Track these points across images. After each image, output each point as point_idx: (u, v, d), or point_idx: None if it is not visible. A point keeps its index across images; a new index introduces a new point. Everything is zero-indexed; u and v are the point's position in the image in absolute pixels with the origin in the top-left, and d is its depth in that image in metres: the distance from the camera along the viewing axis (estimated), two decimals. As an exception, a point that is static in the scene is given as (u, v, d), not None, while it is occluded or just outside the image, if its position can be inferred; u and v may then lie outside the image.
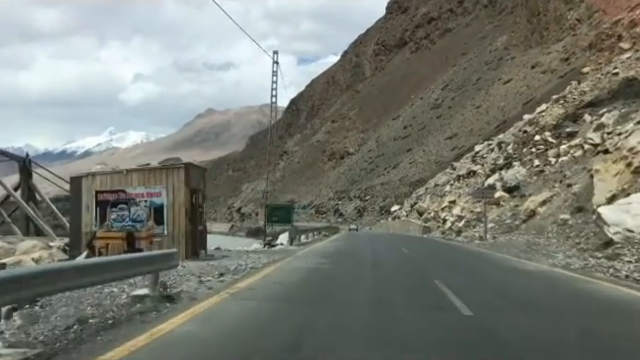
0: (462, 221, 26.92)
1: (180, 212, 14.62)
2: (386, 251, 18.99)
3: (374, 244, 23.08)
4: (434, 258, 16.49)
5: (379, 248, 20.51)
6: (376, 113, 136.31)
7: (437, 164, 79.11)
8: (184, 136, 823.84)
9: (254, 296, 7.66)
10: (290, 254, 16.76)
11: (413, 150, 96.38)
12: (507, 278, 10.94)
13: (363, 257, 15.78)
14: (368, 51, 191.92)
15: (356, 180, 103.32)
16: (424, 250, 20.03)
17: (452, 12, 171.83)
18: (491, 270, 12.60)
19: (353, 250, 19.56)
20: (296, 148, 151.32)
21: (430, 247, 22.04)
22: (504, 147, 27.82)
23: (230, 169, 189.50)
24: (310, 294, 8.40)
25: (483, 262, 14.71)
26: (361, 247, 21.17)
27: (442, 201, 31.71)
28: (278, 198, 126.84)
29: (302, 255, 16.39)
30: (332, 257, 15.43)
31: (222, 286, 8.58)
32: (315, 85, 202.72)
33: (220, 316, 6.17)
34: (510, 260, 14.70)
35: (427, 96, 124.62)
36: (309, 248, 20.85)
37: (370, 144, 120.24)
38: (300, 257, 15.53)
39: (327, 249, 19.75)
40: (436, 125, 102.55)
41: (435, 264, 14.31)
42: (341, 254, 17.15)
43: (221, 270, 10.76)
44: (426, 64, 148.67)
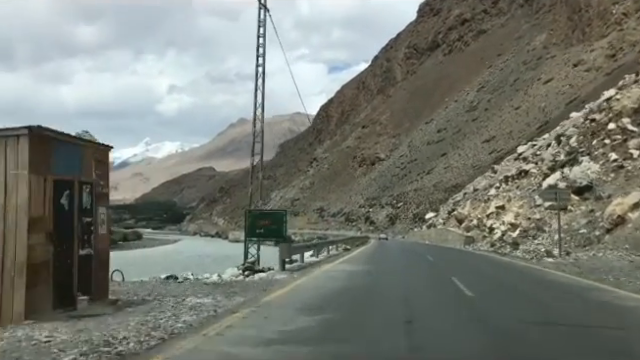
0: (516, 230, 22.29)
1: (19, 223, 6.90)
2: (431, 289, 11.26)
3: (409, 267, 16.69)
4: (529, 309, 8.41)
5: (416, 277, 13.57)
6: (408, 117, 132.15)
7: (474, 168, 74.53)
8: (217, 145, 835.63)
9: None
10: (263, 294, 9.67)
11: (448, 154, 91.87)
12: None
13: (389, 306, 8.48)
14: (399, 55, 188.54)
15: (388, 186, 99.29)
16: (491, 281, 12.79)
17: (486, 13, 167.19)
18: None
19: (375, 285, 11.44)
20: (326, 154, 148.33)
21: (492, 272, 15.09)
22: (565, 140, 23.23)
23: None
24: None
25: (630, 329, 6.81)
26: (388, 275, 13.86)
27: (486, 207, 27.36)
28: (307, 206, 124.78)
29: (278, 301, 8.84)
30: (331, 306, 8.25)
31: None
32: (345, 91, 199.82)
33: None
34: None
35: (462, 99, 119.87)
36: (306, 278, 12.54)
37: (402, 149, 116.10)
38: (272, 306, 8.25)
39: (334, 280, 11.99)
40: (472, 128, 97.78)
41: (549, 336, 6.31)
42: (351, 298, 9.43)
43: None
44: (460, 66, 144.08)
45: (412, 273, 14.43)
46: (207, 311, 7.68)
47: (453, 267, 16.42)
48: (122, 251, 66.32)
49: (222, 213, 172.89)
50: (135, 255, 51.56)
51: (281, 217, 18.00)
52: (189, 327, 6.38)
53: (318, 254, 19.55)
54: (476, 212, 29.15)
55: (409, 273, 14.39)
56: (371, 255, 23.41)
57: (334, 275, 13.21)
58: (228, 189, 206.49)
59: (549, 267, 15.66)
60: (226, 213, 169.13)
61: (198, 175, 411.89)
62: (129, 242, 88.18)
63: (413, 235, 57.98)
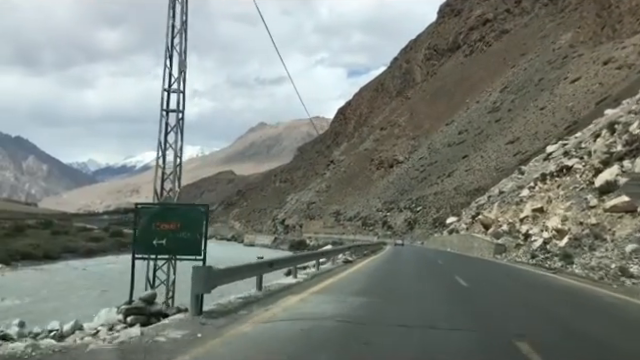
0: (564, 238, 17.87)
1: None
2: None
3: (430, 303, 9.43)
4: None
5: (445, 339, 6.15)
6: (428, 119, 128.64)
7: (498, 171, 70.88)
8: (237, 149, 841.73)
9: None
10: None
11: (470, 157, 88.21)
12: None
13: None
14: (419, 57, 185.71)
15: (406, 190, 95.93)
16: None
17: (509, 12, 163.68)
18: None
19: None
20: (343, 157, 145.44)
21: (582, 323, 7.78)
22: (621, 129, 19.58)
23: (277, 180, 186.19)
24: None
25: None
26: (391, 335, 6.27)
27: (519, 210, 23.69)
28: (323, 209, 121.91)
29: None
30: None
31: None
32: (363, 93, 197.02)
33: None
34: None
35: (484, 99, 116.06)
36: (218, 341, 5.71)
37: (421, 151, 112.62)
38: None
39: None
40: (495, 129, 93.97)
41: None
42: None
43: None
44: (481, 67, 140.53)
45: (436, 323, 7.01)
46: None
47: (503, 302, 10.23)
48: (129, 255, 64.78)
49: (239, 216, 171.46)
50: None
51: (197, 218, 8.89)
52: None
53: (296, 273, 12.85)
54: (506, 216, 25.53)
55: (432, 323, 6.97)
56: (378, 272, 16.89)
57: (284, 333, 6.22)
58: (245, 192, 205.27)
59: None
60: (242, 216, 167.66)
61: (217, 179, 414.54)
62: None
63: (433, 241, 54.36)
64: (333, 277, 13.87)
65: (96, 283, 30.68)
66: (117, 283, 27.62)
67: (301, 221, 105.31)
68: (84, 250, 57.96)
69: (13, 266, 42.70)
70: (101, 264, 48.04)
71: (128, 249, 62.96)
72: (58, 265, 45.48)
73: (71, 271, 40.62)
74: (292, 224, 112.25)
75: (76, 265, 46.58)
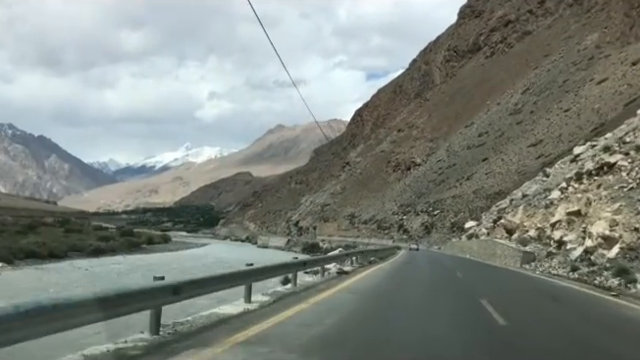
0: (614, 247, 14.80)
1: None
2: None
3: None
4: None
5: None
6: (447, 121, 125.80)
7: (519, 174, 68.07)
8: (255, 151, 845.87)
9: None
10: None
11: (490, 159, 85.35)
12: None
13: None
14: (438, 58, 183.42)
15: (423, 193, 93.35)
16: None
17: (532, 14, 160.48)
18: None
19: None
20: (359, 159, 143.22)
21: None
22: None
23: (293, 182, 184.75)
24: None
25: None
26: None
27: (550, 213, 21.00)
28: (337, 211, 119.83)
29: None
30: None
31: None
32: (381, 95, 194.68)
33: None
34: None
35: (505, 101, 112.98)
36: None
37: (440, 154, 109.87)
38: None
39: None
40: (516, 132, 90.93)
41: None
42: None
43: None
44: (503, 68, 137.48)
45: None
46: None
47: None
48: (140, 255, 63.76)
49: (253, 217, 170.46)
50: (133, 261, 47.66)
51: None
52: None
53: (250, 296, 9.43)
54: (533, 220, 22.82)
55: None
56: (373, 293, 12.20)
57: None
58: (260, 193, 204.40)
59: None
60: (257, 217, 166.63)
61: (235, 180, 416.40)
62: (154, 245, 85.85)
63: (451, 246, 51.87)
64: (304, 302, 9.64)
65: (91, 285, 29.42)
66: (112, 285, 27.66)
67: (315, 223, 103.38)
68: (92, 249, 57.20)
69: (15, 265, 41.78)
70: (105, 264, 46.82)
71: (139, 249, 61.66)
72: (62, 264, 44.34)
73: (73, 271, 39.33)
74: (306, 226, 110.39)
75: (80, 265, 45.34)
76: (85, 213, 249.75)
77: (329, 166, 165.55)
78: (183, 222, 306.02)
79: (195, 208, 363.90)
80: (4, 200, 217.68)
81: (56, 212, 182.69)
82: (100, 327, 5.87)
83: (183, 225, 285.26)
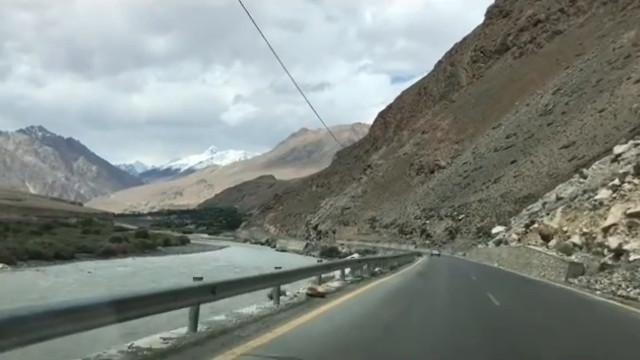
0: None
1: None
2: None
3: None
4: None
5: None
6: (473, 122, 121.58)
7: (550, 177, 64.00)
8: (278, 154, 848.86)
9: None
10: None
11: (518, 162, 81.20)
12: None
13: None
14: (464, 59, 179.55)
15: (448, 196, 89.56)
16: None
17: (563, 12, 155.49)
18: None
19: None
20: (381, 161, 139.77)
21: None
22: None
23: (314, 185, 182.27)
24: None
25: None
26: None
27: (598, 215, 17.51)
28: (358, 215, 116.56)
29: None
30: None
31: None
32: (405, 97, 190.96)
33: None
34: None
35: (534, 102, 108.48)
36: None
37: (465, 156, 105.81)
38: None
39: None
40: (547, 133, 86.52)
41: None
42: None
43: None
44: (532, 68, 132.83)
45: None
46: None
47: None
48: (152, 257, 62.09)
49: (274, 220, 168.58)
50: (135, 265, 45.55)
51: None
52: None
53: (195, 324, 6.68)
54: (578, 224, 18.95)
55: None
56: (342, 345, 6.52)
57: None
58: (281, 196, 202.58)
59: None
60: (278, 221, 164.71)
61: (259, 183, 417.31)
62: (170, 247, 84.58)
63: (477, 253, 48.02)
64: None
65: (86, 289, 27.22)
66: (108, 291, 23.90)
67: (334, 227, 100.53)
68: (102, 251, 55.65)
69: (17, 266, 40.20)
70: (112, 266, 45.03)
71: (152, 251, 59.51)
72: (65, 266, 42.60)
73: (74, 273, 37.39)
74: (325, 230, 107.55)
75: (86, 266, 43.55)
76: (108, 214, 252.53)
77: (351, 169, 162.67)
78: (206, 224, 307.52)
79: (219, 210, 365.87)
80: (30, 200, 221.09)
81: (80, 213, 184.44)
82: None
83: (206, 227, 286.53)
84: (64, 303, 4.30)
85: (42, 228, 79.07)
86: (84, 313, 4.25)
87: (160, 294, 5.95)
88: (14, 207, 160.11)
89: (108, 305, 4.49)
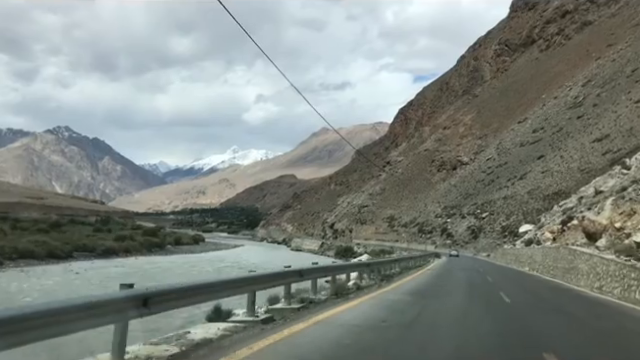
0: None
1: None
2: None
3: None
4: None
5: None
6: (497, 117, 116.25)
7: (582, 172, 59.09)
8: (299, 154, 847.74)
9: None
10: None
11: (546, 157, 76.15)
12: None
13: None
14: (488, 53, 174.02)
15: (471, 194, 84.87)
16: None
17: (592, 3, 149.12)
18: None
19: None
20: (400, 158, 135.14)
21: None
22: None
23: (333, 183, 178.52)
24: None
25: None
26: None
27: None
28: (376, 213, 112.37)
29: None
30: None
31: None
32: (426, 93, 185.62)
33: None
34: None
35: (563, 95, 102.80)
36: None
37: (489, 152, 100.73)
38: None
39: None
40: (577, 126, 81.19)
41: None
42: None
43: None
44: (560, 61, 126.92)
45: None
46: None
47: None
48: (158, 257, 59.39)
49: (291, 219, 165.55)
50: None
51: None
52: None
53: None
54: (639, 219, 14.85)
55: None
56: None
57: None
58: (299, 195, 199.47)
59: None
60: (295, 219, 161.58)
61: (280, 182, 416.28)
62: (181, 246, 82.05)
63: (503, 254, 42.95)
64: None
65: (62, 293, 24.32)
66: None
67: (351, 225, 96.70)
68: (102, 250, 53.03)
69: (3, 266, 37.62)
70: (107, 266, 42.15)
71: (160, 250, 56.28)
72: (55, 267, 39.74)
73: (60, 274, 34.48)
74: (341, 229, 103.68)
75: (80, 266, 40.98)
76: (129, 213, 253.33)
77: (370, 167, 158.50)
78: (227, 223, 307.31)
79: (240, 209, 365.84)
80: (51, 199, 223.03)
81: (100, 211, 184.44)
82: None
83: (227, 226, 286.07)
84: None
85: (51, 226, 77.28)
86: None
87: (66, 309, 4.06)
88: (35, 205, 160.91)
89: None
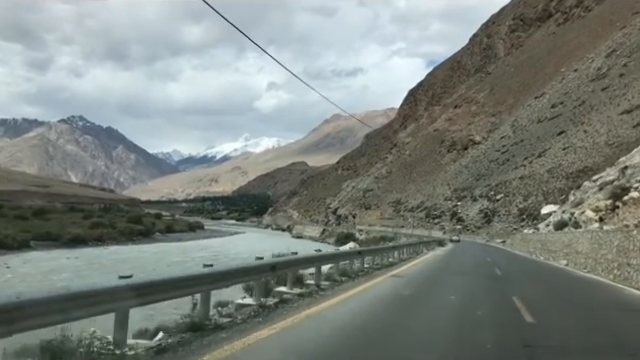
0: None
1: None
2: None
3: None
4: None
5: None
6: (512, 93, 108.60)
7: (611, 146, 52.16)
8: (311, 141, 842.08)
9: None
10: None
11: (568, 132, 69.00)
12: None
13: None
14: (502, 30, 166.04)
15: (483, 174, 78.03)
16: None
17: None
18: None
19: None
20: (408, 139, 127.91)
21: None
22: None
23: (340, 168, 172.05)
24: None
25: None
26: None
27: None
28: (381, 198, 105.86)
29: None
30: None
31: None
32: (437, 73, 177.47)
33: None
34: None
35: (584, 67, 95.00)
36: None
37: (503, 129, 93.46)
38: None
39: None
40: (602, 99, 73.77)
41: None
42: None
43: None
44: (580, 33, 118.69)
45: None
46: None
47: None
48: (135, 245, 54.08)
49: (297, 206, 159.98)
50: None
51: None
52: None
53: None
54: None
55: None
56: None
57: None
58: (306, 180, 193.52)
59: None
60: (301, 206, 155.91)
61: (291, 169, 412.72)
62: (173, 234, 77.33)
63: (523, 241, 34.78)
64: None
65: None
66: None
67: (355, 210, 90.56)
68: (68, 238, 47.84)
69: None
70: (59, 258, 37.03)
71: (144, 238, 50.48)
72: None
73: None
74: (345, 214, 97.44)
75: (25, 258, 36.02)
76: (135, 200, 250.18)
77: (378, 150, 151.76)
78: (238, 210, 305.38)
79: (252, 197, 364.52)
80: (57, 187, 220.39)
81: (105, 199, 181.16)
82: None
83: (238, 213, 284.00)
84: None
85: (35, 213, 72.75)
86: None
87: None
88: (39, 193, 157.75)
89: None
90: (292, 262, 10.08)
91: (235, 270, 7.55)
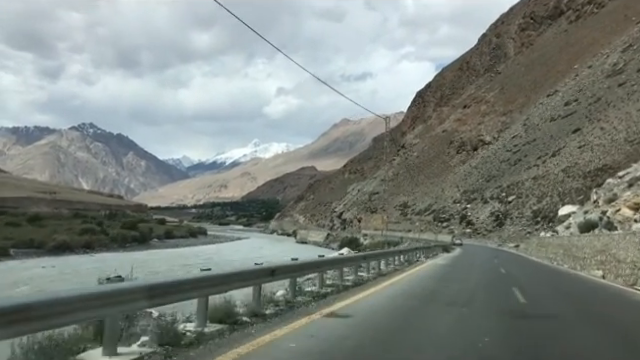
0: None
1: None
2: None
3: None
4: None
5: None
6: (523, 92, 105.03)
7: (631, 143, 48.67)
8: (320, 146, 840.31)
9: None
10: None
11: (583, 130, 65.47)
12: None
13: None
14: (512, 29, 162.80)
15: (494, 175, 74.58)
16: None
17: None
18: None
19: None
20: (416, 141, 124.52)
21: None
22: None
23: (347, 172, 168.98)
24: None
25: None
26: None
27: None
28: (388, 201, 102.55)
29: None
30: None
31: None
32: (445, 74, 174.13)
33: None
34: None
35: (599, 63, 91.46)
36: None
37: (515, 129, 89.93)
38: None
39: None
40: (619, 94, 70.22)
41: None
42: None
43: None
44: (593, 29, 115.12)
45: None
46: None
47: None
48: (127, 252, 51.49)
49: (304, 210, 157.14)
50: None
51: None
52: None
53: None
54: None
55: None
56: None
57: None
58: (313, 184, 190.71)
59: None
60: (307, 210, 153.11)
61: (300, 174, 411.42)
62: (172, 240, 74.93)
63: (540, 245, 30.52)
64: None
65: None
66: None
67: (360, 214, 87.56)
68: (53, 245, 45.33)
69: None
70: (31, 268, 34.49)
71: (138, 245, 47.58)
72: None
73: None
74: (350, 218, 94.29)
75: (3, 267, 33.63)
76: (142, 206, 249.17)
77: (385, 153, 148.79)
78: (247, 216, 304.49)
79: (261, 202, 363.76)
80: (64, 194, 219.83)
81: (112, 205, 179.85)
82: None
83: (247, 219, 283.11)
84: None
85: (29, 219, 70.79)
86: None
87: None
88: (45, 200, 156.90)
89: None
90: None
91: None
